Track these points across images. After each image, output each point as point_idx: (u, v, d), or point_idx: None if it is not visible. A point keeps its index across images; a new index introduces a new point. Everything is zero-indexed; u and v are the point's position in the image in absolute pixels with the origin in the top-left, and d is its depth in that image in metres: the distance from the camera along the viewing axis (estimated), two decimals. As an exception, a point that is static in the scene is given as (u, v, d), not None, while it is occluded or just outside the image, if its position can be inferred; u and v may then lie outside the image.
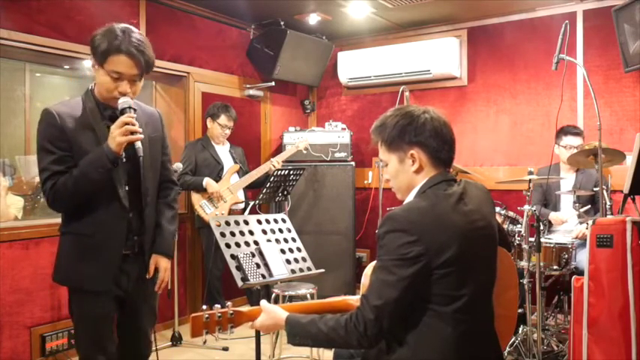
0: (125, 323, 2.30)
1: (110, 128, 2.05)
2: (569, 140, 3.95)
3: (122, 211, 2.12)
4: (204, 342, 1.73)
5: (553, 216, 3.96)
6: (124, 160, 2.12)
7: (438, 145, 1.65)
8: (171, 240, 2.33)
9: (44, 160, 2.04)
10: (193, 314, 1.76)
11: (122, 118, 2.02)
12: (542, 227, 3.39)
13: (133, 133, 2.02)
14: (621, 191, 2.82)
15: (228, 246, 2.34)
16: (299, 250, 2.57)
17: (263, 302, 1.81)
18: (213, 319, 1.77)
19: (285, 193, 4.26)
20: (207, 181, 4.16)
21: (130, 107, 2.05)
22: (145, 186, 2.19)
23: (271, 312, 1.75)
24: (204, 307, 1.80)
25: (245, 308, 1.85)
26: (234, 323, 1.81)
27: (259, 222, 2.54)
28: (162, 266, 2.28)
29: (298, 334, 1.66)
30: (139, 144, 2.05)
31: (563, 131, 3.99)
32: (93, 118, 2.10)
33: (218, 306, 1.80)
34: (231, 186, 4.27)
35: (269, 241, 2.49)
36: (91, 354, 2.18)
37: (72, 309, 2.20)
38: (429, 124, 1.65)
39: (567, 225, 3.94)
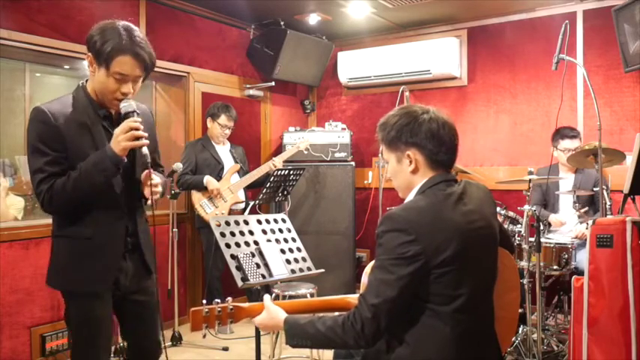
0: (129, 323, 2.21)
1: (114, 131, 1.97)
2: (566, 144, 3.94)
3: (120, 211, 2.06)
4: (204, 336, 1.72)
5: (552, 218, 3.96)
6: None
7: (435, 147, 1.64)
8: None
9: (38, 161, 1.94)
10: (193, 308, 1.76)
11: (128, 123, 1.93)
12: (542, 227, 3.39)
13: (138, 138, 1.94)
14: (621, 191, 2.82)
15: (228, 246, 2.34)
16: (299, 250, 2.57)
17: (266, 298, 1.80)
18: (213, 314, 1.77)
19: (285, 193, 4.25)
20: (208, 179, 4.16)
21: (134, 112, 1.97)
22: (137, 187, 2.12)
23: (272, 312, 1.75)
24: (204, 301, 1.80)
25: (245, 304, 1.85)
26: (234, 318, 1.80)
27: (259, 222, 2.53)
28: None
29: (296, 335, 1.65)
30: (145, 149, 1.96)
31: (559, 134, 3.97)
32: (88, 117, 2.01)
33: (218, 301, 1.79)
34: (231, 186, 4.27)
35: (269, 241, 2.49)
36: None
37: (69, 315, 2.08)
38: (425, 125, 1.63)
39: (567, 225, 3.93)
